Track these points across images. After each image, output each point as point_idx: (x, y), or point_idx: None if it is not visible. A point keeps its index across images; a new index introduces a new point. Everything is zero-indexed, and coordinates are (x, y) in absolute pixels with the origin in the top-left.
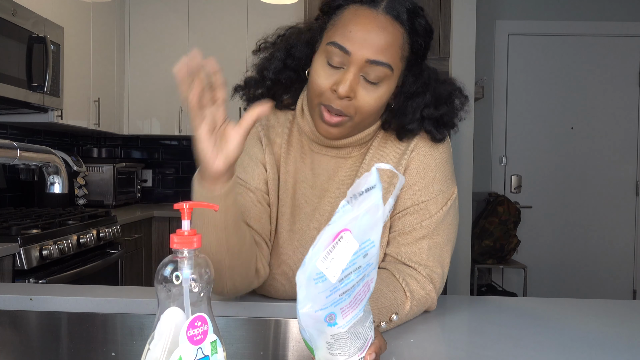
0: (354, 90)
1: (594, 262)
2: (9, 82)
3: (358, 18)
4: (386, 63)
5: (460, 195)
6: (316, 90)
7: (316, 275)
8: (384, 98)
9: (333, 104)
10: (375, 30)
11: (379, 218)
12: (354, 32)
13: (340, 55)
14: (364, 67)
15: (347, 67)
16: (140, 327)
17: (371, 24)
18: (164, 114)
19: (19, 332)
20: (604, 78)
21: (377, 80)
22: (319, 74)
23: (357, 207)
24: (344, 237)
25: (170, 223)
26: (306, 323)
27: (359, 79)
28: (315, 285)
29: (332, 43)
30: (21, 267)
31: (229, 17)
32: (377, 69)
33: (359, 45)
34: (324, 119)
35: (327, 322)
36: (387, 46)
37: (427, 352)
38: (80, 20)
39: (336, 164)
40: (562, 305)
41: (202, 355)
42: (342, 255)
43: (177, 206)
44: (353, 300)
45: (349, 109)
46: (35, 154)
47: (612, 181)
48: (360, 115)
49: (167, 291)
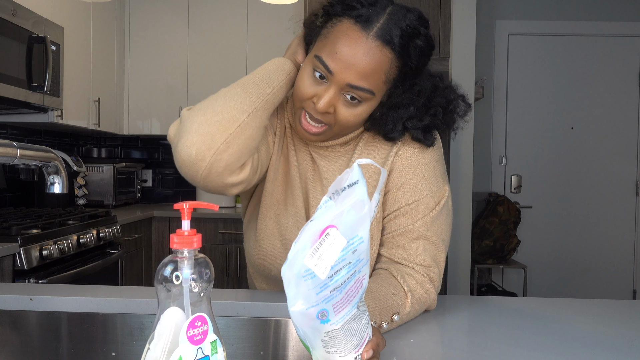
0: (333, 106)
1: (594, 262)
2: (9, 82)
3: (347, 39)
4: (367, 89)
5: (460, 195)
6: (299, 95)
7: (305, 272)
8: (363, 115)
9: (313, 113)
10: (360, 56)
11: (366, 214)
12: (340, 54)
13: (324, 71)
14: (345, 88)
15: (329, 83)
16: (140, 327)
17: (358, 48)
18: (164, 114)
19: (19, 332)
20: (604, 78)
21: (358, 100)
22: (303, 81)
23: (341, 203)
24: (331, 233)
25: (170, 223)
26: (299, 321)
27: (339, 97)
28: (304, 282)
29: (318, 58)
30: (21, 267)
31: (229, 17)
32: (358, 92)
33: (342, 68)
34: (302, 125)
35: (320, 319)
36: (371, 72)
37: (427, 352)
38: (80, 20)
39: (323, 159)
40: (562, 305)
41: (202, 355)
42: (330, 251)
43: (177, 206)
44: (345, 297)
45: (328, 119)
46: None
47: (612, 181)
48: (339, 126)
49: (167, 291)
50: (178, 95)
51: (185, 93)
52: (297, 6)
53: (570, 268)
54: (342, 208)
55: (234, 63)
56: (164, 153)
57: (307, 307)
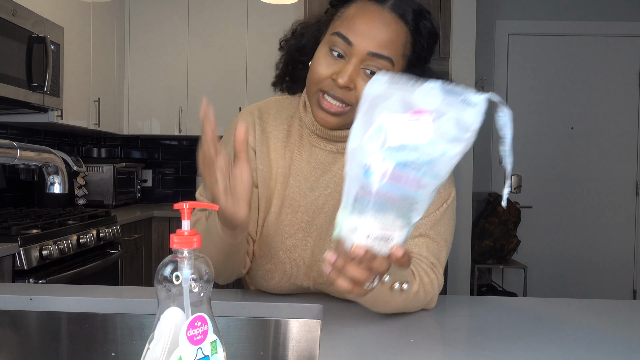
0: (354, 81)
1: (594, 262)
2: (9, 82)
3: (364, 12)
4: (387, 57)
5: (460, 195)
6: (315, 77)
7: (378, 128)
8: None
9: (334, 91)
10: (379, 25)
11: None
12: (358, 25)
13: (343, 45)
14: (366, 59)
15: (348, 58)
16: (140, 327)
17: (376, 18)
18: (164, 114)
19: (19, 332)
20: (604, 78)
21: (381, 70)
22: (320, 62)
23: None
24: (424, 118)
25: (170, 223)
26: (349, 158)
27: (360, 71)
28: (375, 135)
29: (336, 33)
30: (21, 267)
31: (229, 18)
32: (378, 62)
33: (362, 38)
34: (322, 106)
35: (364, 170)
36: (390, 41)
37: (427, 352)
38: (80, 20)
39: (333, 158)
40: (562, 305)
41: (202, 355)
42: (411, 133)
43: (177, 206)
44: (394, 177)
45: (349, 98)
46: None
47: (612, 181)
48: None
49: (167, 291)
50: (178, 95)
51: (185, 93)
52: (297, 6)
53: (570, 268)
54: (446, 111)
55: (234, 63)
56: (163, 153)
57: (363, 154)
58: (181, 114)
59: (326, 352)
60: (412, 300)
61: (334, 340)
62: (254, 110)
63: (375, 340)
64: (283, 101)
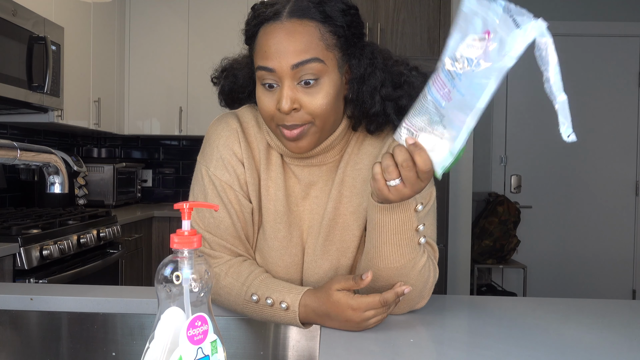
0: (297, 101)
1: (594, 262)
2: (9, 82)
3: (268, 35)
4: (311, 58)
5: (460, 195)
6: (265, 116)
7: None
8: (330, 93)
9: (286, 121)
10: (285, 38)
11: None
12: (269, 49)
13: (268, 75)
14: (293, 74)
15: (279, 83)
16: (140, 327)
17: (280, 34)
18: (164, 114)
19: (19, 332)
20: (604, 78)
21: (313, 78)
22: (262, 101)
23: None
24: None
25: (170, 223)
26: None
27: (297, 88)
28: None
29: (258, 67)
30: (21, 267)
31: (229, 17)
32: (306, 68)
33: (278, 58)
34: (286, 137)
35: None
36: (305, 44)
37: (427, 352)
38: (80, 20)
39: (311, 172)
40: (562, 305)
41: (202, 355)
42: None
43: (177, 206)
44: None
45: (303, 117)
46: (35, 154)
47: (612, 181)
48: (319, 118)
49: (167, 291)
50: (178, 95)
51: (185, 93)
52: None
53: (570, 268)
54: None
55: None
56: (164, 153)
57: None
58: (181, 114)
59: (326, 352)
60: (423, 271)
61: (333, 340)
62: (232, 121)
63: (375, 340)
64: (256, 116)
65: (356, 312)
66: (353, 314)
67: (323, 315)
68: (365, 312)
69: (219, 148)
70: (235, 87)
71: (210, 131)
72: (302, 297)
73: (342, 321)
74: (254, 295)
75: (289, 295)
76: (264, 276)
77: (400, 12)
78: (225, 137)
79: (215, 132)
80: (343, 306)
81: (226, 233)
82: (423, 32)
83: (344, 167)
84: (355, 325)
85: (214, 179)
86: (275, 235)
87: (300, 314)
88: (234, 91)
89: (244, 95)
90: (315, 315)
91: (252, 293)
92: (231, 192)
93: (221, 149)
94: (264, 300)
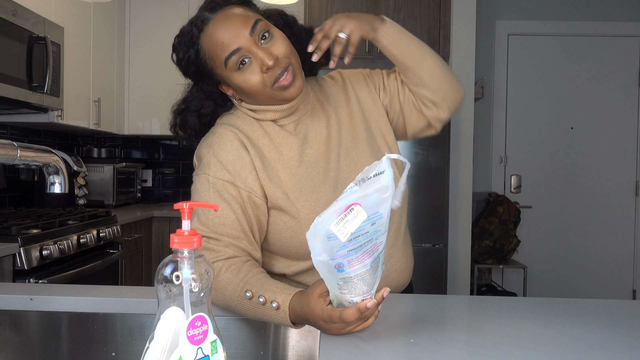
0: (272, 53)
1: (594, 262)
2: (9, 82)
3: (214, 34)
4: (255, 21)
5: (460, 195)
6: (258, 86)
7: (330, 235)
8: (284, 36)
9: (276, 72)
10: (228, 23)
11: (388, 196)
12: (225, 39)
13: (238, 55)
14: (254, 40)
15: (251, 55)
16: (140, 327)
17: (222, 24)
18: (164, 114)
19: (19, 332)
20: (604, 78)
21: (266, 31)
22: (248, 79)
23: (366, 188)
24: (355, 209)
25: (170, 223)
26: (320, 268)
27: (263, 48)
28: (329, 242)
29: (225, 60)
30: (21, 267)
31: None
32: (258, 28)
33: (236, 37)
34: (285, 85)
35: (337, 269)
36: (243, 18)
37: (427, 352)
38: (80, 20)
39: (301, 121)
40: (562, 305)
41: (202, 355)
42: (352, 222)
43: (177, 206)
44: (360, 256)
45: (284, 62)
46: (35, 154)
47: (612, 181)
48: (292, 56)
49: (167, 291)
50: (178, 95)
51: None
52: (297, 6)
53: (570, 268)
54: (367, 191)
55: None
56: (164, 153)
57: (328, 259)
58: None
59: (326, 352)
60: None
61: (333, 340)
62: (231, 131)
63: (376, 340)
64: (237, 119)
65: (328, 324)
66: (325, 325)
67: (305, 320)
68: (336, 324)
69: (215, 153)
70: (201, 112)
71: (200, 148)
72: (292, 299)
73: (320, 328)
74: (248, 292)
75: (280, 295)
76: (261, 275)
77: (400, 12)
78: (217, 142)
79: (205, 144)
80: (316, 317)
81: (232, 229)
82: (423, 32)
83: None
84: (333, 333)
85: (214, 182)
86: (317, 171)
87: (291, 315)
88: (203, 115)
89: (210, 117)
90: (300, 319)
91: (247, 290)
92: (233, 188)
93: (216, 153)
94: (256, 298)
